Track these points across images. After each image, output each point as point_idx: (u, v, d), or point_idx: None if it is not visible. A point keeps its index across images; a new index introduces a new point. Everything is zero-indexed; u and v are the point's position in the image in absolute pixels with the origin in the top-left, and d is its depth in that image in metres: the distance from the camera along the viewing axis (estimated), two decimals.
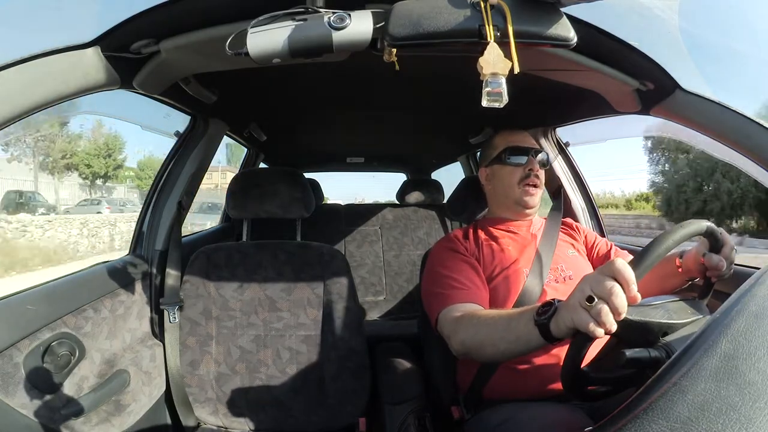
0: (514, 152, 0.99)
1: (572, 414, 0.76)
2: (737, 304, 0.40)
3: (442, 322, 0.84)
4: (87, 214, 11.59)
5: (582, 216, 1.48)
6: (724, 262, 0.69)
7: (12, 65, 0.57)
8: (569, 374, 0.59)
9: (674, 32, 0.80)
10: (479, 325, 0.74)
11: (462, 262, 0.93)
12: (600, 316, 0.51)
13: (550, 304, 0.60)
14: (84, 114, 1.23)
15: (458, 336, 0.77)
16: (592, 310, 0.51)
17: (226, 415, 1.08)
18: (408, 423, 1.02)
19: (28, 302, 0.80)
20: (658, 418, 0.31)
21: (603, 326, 0.51)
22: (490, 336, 0.70)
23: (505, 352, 0.68)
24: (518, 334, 0.64)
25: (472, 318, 0.77)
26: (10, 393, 0.72)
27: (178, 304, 1.09)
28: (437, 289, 0.89)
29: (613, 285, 0.52)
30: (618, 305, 0.51)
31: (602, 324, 0.51)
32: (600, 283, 0.52)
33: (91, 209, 13.76)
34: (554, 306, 0.59)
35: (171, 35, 0.72)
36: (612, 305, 0.51)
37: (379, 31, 0.62)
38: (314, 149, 2.44)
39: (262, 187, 1.16)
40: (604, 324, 0.51)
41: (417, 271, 1.62)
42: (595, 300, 0.51)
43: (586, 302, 0.52)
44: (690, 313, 0.61)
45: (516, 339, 0.65)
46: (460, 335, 0.76)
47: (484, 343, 0.71)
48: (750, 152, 0.76)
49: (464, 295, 0.85)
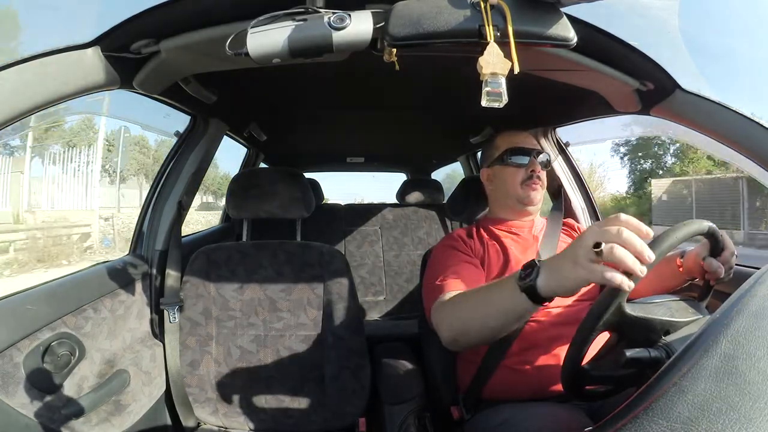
0: (516, 153, 0.99)
1: (572, 414, 0.76)
2: (737, 304, 0.40)
3: (432, 313, 0.82)
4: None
5: (582, 216, 1.48)
6: (722, 267, 0.68)
7: (12, 65, 0.57)
8: (569, 373, 0.59)
9: (674, 32, 0.80)
10: (461, 303, 0.72)
11: (464, 261, 0.93)
12: (616, 257, 0.45)
13: (532, 265, 0.58)
14: (84, 114, 1.22)
15: (444, 322, 0.74)
16: (605, 255, 0.46)
17: (226, 415, 1.08)
18: (408, 423, 1.02)
19: (28, 302, 0.80)
20: (658, 418, 0.31)
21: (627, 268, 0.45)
22: (474, 313, 0.67)
23: (494, 328, 0.65)
24: (502, 304, 0.62)
25: (454, 299, 0.75)
26: (10, 393, 0.72)
27: (178, 304, 1.09)
28: (434, 283, 0.88)
29: (620, 228, 0.47)
30: (633, 242, 0.45)
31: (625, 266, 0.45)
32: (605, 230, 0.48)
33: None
34: (536, 265, 0.57)
35: (171, 35, 0.72)
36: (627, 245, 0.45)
37: (379, 31, 0.62)
38: (314, 149, 2.45)
39: (262, 187, 1.16)
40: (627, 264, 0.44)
41: (417, 271, 1.62)
42: (603, 245, 0.46)
43: (593, 251, 0.46)
44: (691, 313, 0.61)
45: (501, 311, 0.62)
46: (447, 320, 0.74)
47: (469, 322, 0.68)
48: (750, 152, 0.76)
49: (457, 285, 0.83)
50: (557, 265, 0.55)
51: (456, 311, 0.73)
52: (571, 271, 0.52)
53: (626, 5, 0.79)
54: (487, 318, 0.65)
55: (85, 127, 14.16)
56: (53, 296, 0.86)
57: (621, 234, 0.47)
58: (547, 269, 0.56)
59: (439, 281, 0.86)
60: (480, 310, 0.67)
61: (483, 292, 0.68)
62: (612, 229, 0.48)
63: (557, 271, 0.55)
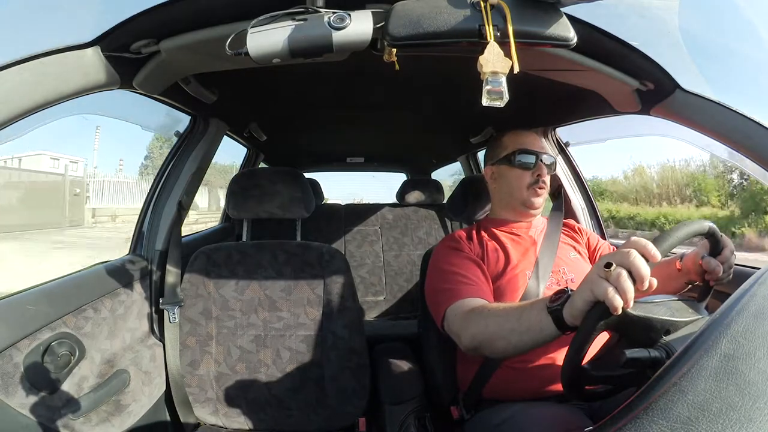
0: (524, 155, 0.98)
1: (572, 414, 0.76)
2: (737, 304, 0.40)
3: (450, 317, 0.82)
4: None
5: (582, 216, 1.48)
6: (720, 266, 0.69)
7: (12, 65, 0.57)
8: (569, 373, 0.59)
9: (674, 32, 0.80)
10: (489, 317, 0.72)
11: (467, 260, 0.93)
12: (619, 281, 0.50)
13: (562, 292, 0.60)
14: (84, 114, 1.22)
15: (469, 330, 0.75)
16: (612, 276, 0.50)
17: (226, 415, 1.08)
18: (408, 423, 1.02)
19: (28, 302, 0.80)
20: (658, 418, 0.31)
21: (622, 294, 0.49)
22: (501, 328, 0.68)
23: (517, 345, 0.66)
24: (530, 324, 0.63)
25: (482, 311, 0.75)
26: (10, 393, 0.72)
27: (178, 304, 1.09)
28: (444, 285, 0.87)
29: (630, 251, 0.51)
30: (638, 267, 0.50)
31: (621, 291, 0.49)
32: (618, 252, 0.52)
33: None
34: (567, 293, 0.58)
35: (171, 35, 0.72)
36: (633, 268, 0.50)
37: (379, 31, 0.62)
38: (314, 149, 2.44)
39: (262, 187, 1.16)
40: (624, 291, 0.49)
41: (417, 271, 1.62)
42: (614, 266, 0.50)
43: (604, 269, 0.51)
44: (691, 313, 0.61)
45: (527, 330, 0.63)
46: (471, 329, 0.74)
47: (495, 336, 0.69)
48: (750, 152, 0.76)
49: (473, 291, 0.84)
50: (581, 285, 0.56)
51: (482, 323, 0.73)
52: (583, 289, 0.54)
53: (626, 5, 0.79)
54: (513, 334, 0.66)
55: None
56: (53, 296, 0.86)
57: (630, 255, 0.51)
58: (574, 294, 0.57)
59: (451, 285, 0.86)
60: (508, 326, 0.67)
61: (514, 311, 0.68)
62: (624, 251, 0.52)
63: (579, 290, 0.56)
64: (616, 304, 0.49)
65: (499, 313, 0.71)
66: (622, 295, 0.50)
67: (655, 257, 0.51)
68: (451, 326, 0.82)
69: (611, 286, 0.50)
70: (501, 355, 0.74)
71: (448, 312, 0.83)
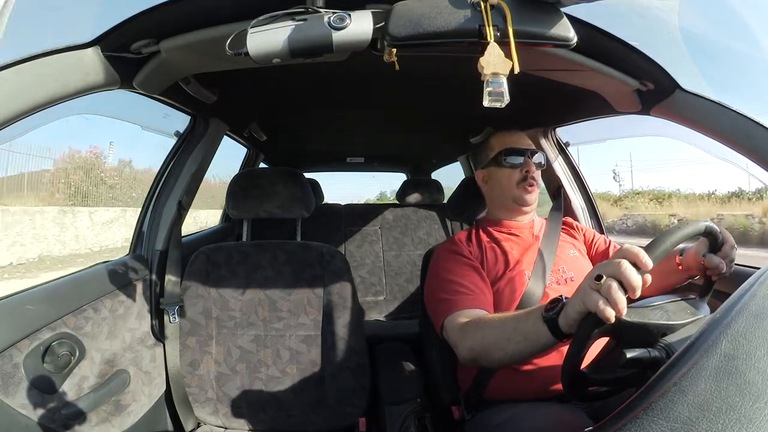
0: (511, 154, 0.99)
1: (572, 414, 0.76)
2: (737, 303, 0.40)
3: (448, 328, 0.83)
4: None
5: (582, 216, 1.48)
6: (723, 263, 0.69)
7: (12, 65, 0.57)
8: (569, 376, 0.59)
9: (674, 32, 0.80)
10: (486, 328, 0.73)
11: (466, 266, 0.93)
12: (610, 292, 0.50)
13: (557, 301, 0.60)
14: (84, 114, 1.22)
15: (465, 342, 0.76)
16: (602, 288, 0.50)
17: (226, 415, 1.08)
18: (408, 423, 1.02)
19: (28, 302, 0.80)
20: (658, 418, 0.31)
21: (614, 305, 0.49)
22: (498, 339, 0.69)
23: (513, 355, 0.67)
24: (526, 333, 0.63)
25: (478, 323, 0.76)
26: (10, 393, 0.72)
27: (178, 305, 1.09)
28: (443, 295, 0.88)
29: (621, 261, 0.51)
30: (628, 277, 0.50)
31: (612, 302, 0.49)
32: (609, 263, 0.52)
33: None
34: (562, 302, 0.59)
35: (171, 35, 0.72)
36: (623, 279, 0.50)
37: (379, 31, 0.62)
38: (314, 149, 2.44)
39: (262, 187, 1.16)
40: (615, 303, 0.49)
41: (417, 271, 1.62)
42: (604, 278, 0.50)
43: (595, 281, 0.51)
44: (689, 314, 0.61)
45: (524, 339, 0.64)
46: (468, 342, 0.75)
47: (492, 347, 0.70)
48: (750, 152, 0.76)
49: (470, 301, 0.85)
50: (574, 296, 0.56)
51: (479, 335, 0.74)
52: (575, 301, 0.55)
53: (626, 5, 0.79)
54: (510, 344, 0.66)
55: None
56: (53, 296, 0.86)
57: (620, 266, 0.51)
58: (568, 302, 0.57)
59: (450, 295, 0.87)
60: (504, 336, 0.68)
61: (510, 321, 0.69)
62: (615, 261, 0.51)
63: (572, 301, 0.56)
64: (608, 315, 0.50)
65: (495, 324, 0.71)
66: (613, 306, 0.50)
67: (647, 266, 0.51)
68: (449, 337, 0.83)
69: (602, 298, 0.50)
70: (498, 364, 0.74)
71: (446, 323, 0.84)
